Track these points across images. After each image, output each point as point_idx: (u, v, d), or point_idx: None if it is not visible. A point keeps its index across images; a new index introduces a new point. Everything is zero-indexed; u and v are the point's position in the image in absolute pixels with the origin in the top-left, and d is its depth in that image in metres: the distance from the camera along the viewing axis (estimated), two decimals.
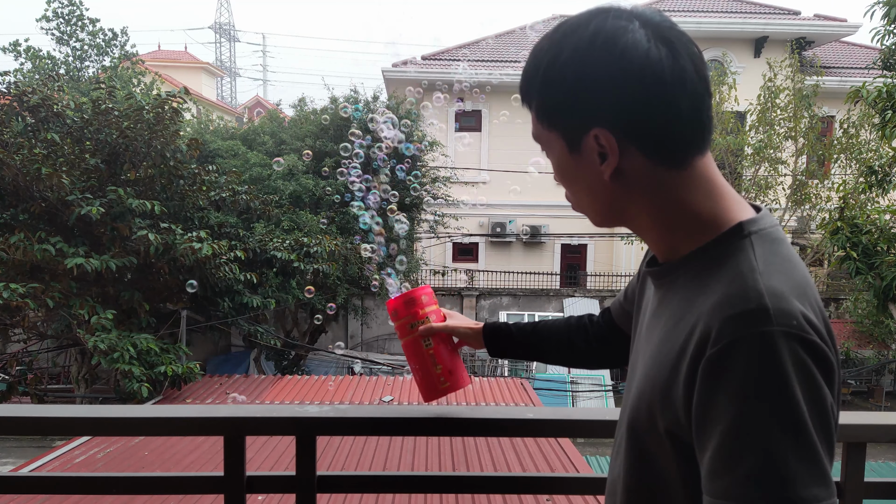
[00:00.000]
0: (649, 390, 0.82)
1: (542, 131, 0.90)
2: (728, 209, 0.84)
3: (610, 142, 0.81)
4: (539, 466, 5.46)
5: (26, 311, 8.27)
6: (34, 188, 8.37)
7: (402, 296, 1.37)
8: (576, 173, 0.88)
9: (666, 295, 0.88)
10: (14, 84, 9.51)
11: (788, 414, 0.68)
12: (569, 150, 0.86)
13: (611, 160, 0.82)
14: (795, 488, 0.67)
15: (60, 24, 20.17)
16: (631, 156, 0.82)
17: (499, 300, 16.96)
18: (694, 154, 0.83)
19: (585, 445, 10.86)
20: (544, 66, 0.84)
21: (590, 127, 0.82)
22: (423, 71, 18.30)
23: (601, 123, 0.81)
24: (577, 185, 0.90)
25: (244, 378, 10.27)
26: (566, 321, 1.38)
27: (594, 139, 0.82)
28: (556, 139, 0.87)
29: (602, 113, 0.81)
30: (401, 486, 1.57)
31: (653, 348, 0.85)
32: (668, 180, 0.83)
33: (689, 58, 0.80)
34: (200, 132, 15.34)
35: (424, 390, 1.38)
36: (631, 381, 0.94)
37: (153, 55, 29.60)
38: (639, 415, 0.85)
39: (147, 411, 1.46)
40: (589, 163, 0.84)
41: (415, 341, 1.36)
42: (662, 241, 0.88)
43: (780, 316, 0.70)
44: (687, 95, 0.79)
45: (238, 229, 11.05)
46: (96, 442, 5.90)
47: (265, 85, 54.01)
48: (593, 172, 0.85)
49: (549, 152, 0.92)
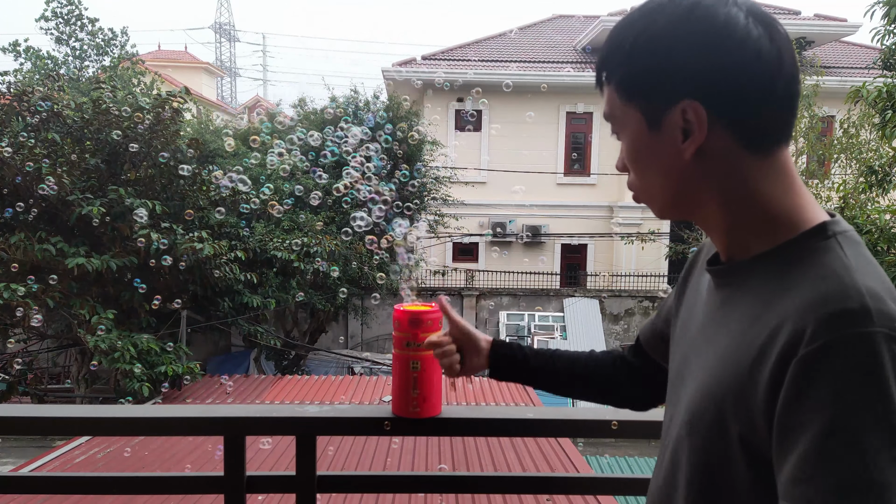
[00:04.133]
0: (718, 393, 0.77)
1: (619, 107, 0.85)
2: (805, 207, 0.80)
3: (699, 115, 0.77)
4: (539, 466, 5.46)
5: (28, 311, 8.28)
6: (34, 188, 8.38)
7: (411, 312, 1.36)
8: (651, 153, 0.83)
9: (734, 295, 0.83)
10: (14, 84, 9.51)
11: (886, 419, 0.63)
12: (648, 126, 0.82)
13: (696, 136, 0.78)
14: (891, 497, 0.62)
15: (60, 23, 20.16)
16: (717, 135, 0.78)
17: (499, 300, 16.95)
18: (779, 142, 0.80)
19: (585, 445, 10.85)
20: (634, 35, 0.81)
21: (678, 99, 0.78)
22: (424, 71, 18.30)
23: (692, 95, 0.77)
24: (649, 168, 0.85)
25: (244, 378, 10.27)
26: (588, 352, 1.29)
27: (680, 113, 0.78)
28: (635, 115, 0.83)
29: (695, 84, 0.77)
30: (401, 486, 1.57)
31: (721, 349, 0.80)
32: (749, 168, 0.79)
33: (784, 40, 0.78)
34: (200, 132, 15.33)
35: (395, 405, 1.40)
36: (680, 386, 0.89)
37: (153, 55, 29.58)
38: (703, 420, 0.79)
39: (147, 411, 1.46)
40: (669, 141, 0.80)
41: (404, 359, 1.36)
42: (732, 236, 0.83)
43: (881, 317, 0.67)
44: (782, 76, 0.77)
45: (238, 229, 11.06)
46: (96, 442, 5.90)
47: (265, 85, 53.99)
48: (671, 152, 0.81)
49: (621, 132, 0.87)
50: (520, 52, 19.72)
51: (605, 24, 17.85)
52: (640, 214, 18.28)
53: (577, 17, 22.65)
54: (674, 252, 15.82)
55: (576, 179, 19.07)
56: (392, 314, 1.40)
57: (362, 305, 15.45)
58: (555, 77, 18.33)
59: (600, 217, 18.89)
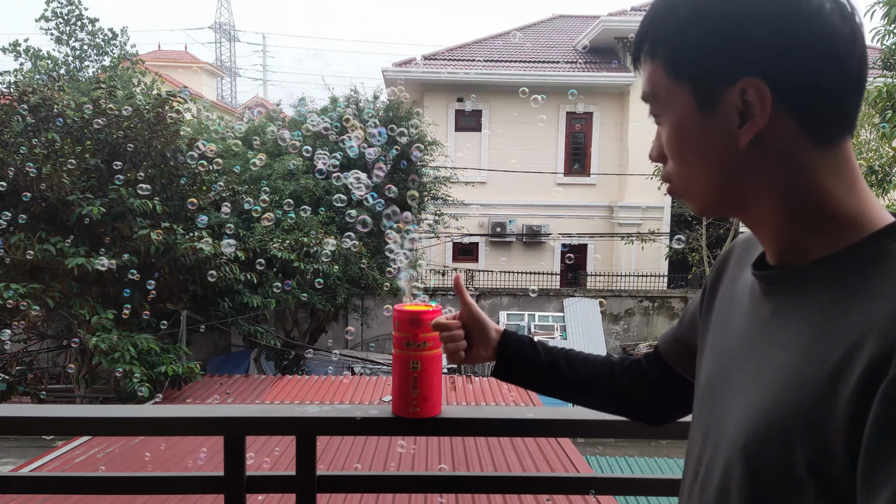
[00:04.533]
0: (782, 416, 0.66)
1: (664, 85, 0.75)
2: (870, 206, 0.71)
3: (763, 96, 0.68)
4: (539, 466, 5.46)
5: (27, 311, 8.28)
6: (34, 188, 8.38)
7: (411, 312, 1.35)
8: (699, 138, 0.74)
9: (788, 303, 0.73)
10: (14, 84, 9.51)
11: None
12: (699, 107, 0.72)
13: (757, 120, 0.69)
14: None
15: (60, 23, 20.16)
16: (779, 120, 0.69)
17: (499, 300, 16.96)
18: (845, 132, 0.71)
19: (585, 445, 10.85)
20: (689, 1, 0.72)
21: (738, 77, 0.69)
22: (424, 71, 18.30)
23: (756, 72, 0.68)
24: (694, 156, 0.75)
25: (244, 378, 10.27)
26: (603, 356, 1.18)
27: (739, 93, 0.69)
28: (684, 94, 0.73)
29: (759, 60, 0.68)
30: (401, 486, 1.57)
31: (779, 365, 0.70)
32: (812, 160, 0.70)
33: (854, 17, 0.69)
34: (200, 132, 15.34)
35: (396, 404, 1.40)
36: (716, 402, 0.79)
37: (153, 55, 29.57)
38: (764, 446, 0.68)
39: (147, 411, 1.46)
40: (722, 124, 0.71)
41: (404, 359, 1.36)
42: (787, 237, 0.74)
43: None
44: (855, 57, 0.69)
45: (238, 229, 11.06)
46: (96, 442, 5.90)
47: (265, 85, 53.99)
48: (724, 138, 0.71)
49: (664, 114, 0.77)
50: (520, 52, 19.72)
51: (606, 24, 17.86)
52: (639, 214, 18.29)
53: (577, 16, 22.66)
54: (674, 252, 15.83)
55: (576, 179, 19.07)
56: (392, 314, 1.40)
57: (362, 305, 15.46)
58: (555, 77, 18.35)
59: (600, 217, 18.90)
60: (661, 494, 1.43)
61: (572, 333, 15.51)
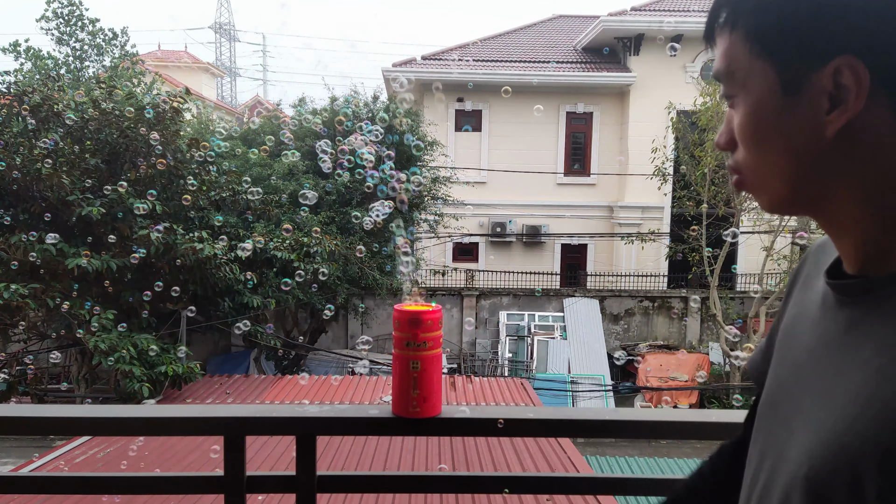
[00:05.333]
0: (850, 443, 0.59)
1: (743, 62, 0.67)
2: None
3: (861, 79, 0.59)
4: (539, 466, 5.47)
5: (26, 311, 8.28)
6: (34, 188, 8.38)
7: (411, 312, 1.36)
8: (780, 124, 0.65)
9: (866, 318, 0.64)
10: (14, 84, 9.52)
11: None
12: (783, 88, 0.64)
13: (852, 105, 0.60)
14: None
15: (60, 24, 20.17)
16: (874, 108, 0.60)
17: (499, 300, 16.96)
18: None
19: (585, 445, 10.85)
20: None
21: (831, 56, 0.60)
22: (424, 71, 18.30)
23: (853, 51, 0.59)
24: (770, 142, 0.66)
25: (244, 378, 10.27)
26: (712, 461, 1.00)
27: (832, 75, 0.60)
28: (766, 73, 0.65)
29: (859, 38, 0.59)
30: (401, 486, 1.57)
31: (853, 387, 0.62)
32: None
33: None
34: (201, 132, 15.35)
35: (396, 404, 1.40)
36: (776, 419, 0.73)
37: (153, 55, 29.59)
38: (828, 476, 0.60)
39: (147, 411, 1.46)
40: (808, 109, 0.63)
41: (404, 359, 1.37)
42: (871, 242, 0.65)
43: None
44: None
45: (238, 229, 11.07)
46: (96, 442, 5.90)
47: (265, 85, 54.01)
48: (808, 124, 0.63)
49: (740, 94, 0.68)
50: (520, 52, 19.73)
51: (606, 24, 17.87)
52: (639, 214, 18.29)
53: (577, 16, 22.68)
54: (674, 252, 15.83)
55: (576, 179, 19.08)
56: (392, 314, 1.40)
57: (363, 304, 15.46)
58: (555, 77, 18.35)
59: (600, 217, 18.91)
60: (661, 494, 1.43)
61: (572, 333, 15.52)
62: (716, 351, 15.72)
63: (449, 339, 16.18)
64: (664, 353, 15.70)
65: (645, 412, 1.49)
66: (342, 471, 1.46)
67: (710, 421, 1.39)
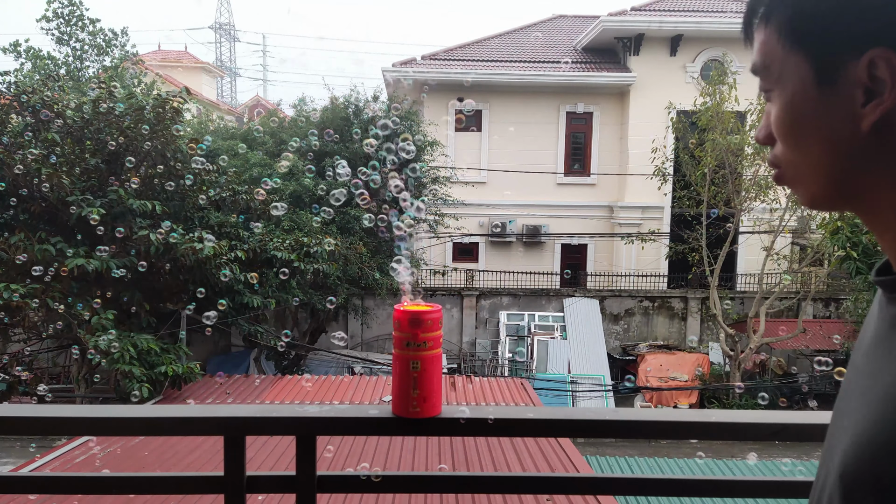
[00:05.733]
0: (875, 442, 0.58)
1: (778, 55, 0.66)
2: None
3: None
4: (539, 466, 5.47)
5: (26, 310, 8.28)
6: (34, 188, 8.38)
7: (411, 312, 1.36)
8: (815, 117, 0.64)
9: None
10: (14, 84, 9.51)
11: None
12: (818, 81, 0.63)
13: (886, 98, 0.59)
14: None
15: (60, 24, 20.17)
16: None
17: (499, 300, 16.96)
18: None
19: (585, 445, 10.86)
20: None
21: (866, 47, 0.59)
22: (424, 71, 18.31)
23: (888, 43, 0.58)
24: (807, 136, 0.66)
25: (244, 378, 10.27)
26: None
27: (867, 67, 0.60)
28: (800, 66, 0.64)
29: (894, 28, 0.58)
30: (401, 486, 1.57)
31: (884, 384, 0.61)
32: None
33: None
34: (201, 132, 15.36)
35: (396, 404, 1.40)
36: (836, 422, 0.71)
37: (153, 55, 29.59)
38: (856, 477, 0.59)
39: (147, 411, 1.46)
40: (843, 102, 0.62)
41: (404, 359, 1.37)
42: None
43: None
44: None
45: (238, 229, 11.07)
46: (96, 442, 5.90)
47: (265, 85, 54.04)
48: (844, 117, 0.62)
49: (776, 87, 0.68)
50: (520, 52, 19.73)
51: (606, 24, 17.87)
52: (639, 214, 18.29)
53: (577, 16, 22.68)
54: (674, 252, 15.83)
55: (576, 179, 19.08)
56: (392, 314, 1.40)
57: (363, 305, 15.46)
58: (555, 77, 18.36)
59: (600, 217, 18.91)
60: (661, 494, 1.43)
61: (572, 333, 15.52)
62: (716, 351, 15.73)
63: (449, 339, 16.17)
64: (664, 353, 15.71)
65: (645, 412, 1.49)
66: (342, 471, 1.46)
67: (710, 421, 1.39)
